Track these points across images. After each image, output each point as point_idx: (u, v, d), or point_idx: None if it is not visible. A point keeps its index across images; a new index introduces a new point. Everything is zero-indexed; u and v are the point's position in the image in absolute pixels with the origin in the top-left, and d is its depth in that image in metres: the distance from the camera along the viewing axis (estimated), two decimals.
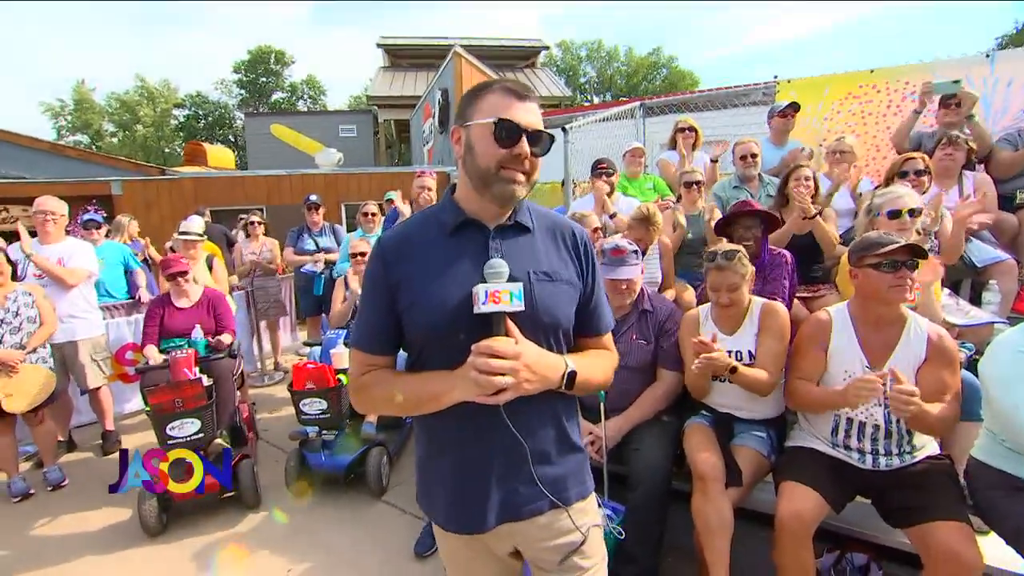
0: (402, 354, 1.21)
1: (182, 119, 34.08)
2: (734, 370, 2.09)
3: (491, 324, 1.02)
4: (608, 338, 1.29)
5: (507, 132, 1.06)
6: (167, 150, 32.33)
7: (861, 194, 3.50)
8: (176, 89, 34.04)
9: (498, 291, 1.02)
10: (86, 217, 4.69)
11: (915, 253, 1.86)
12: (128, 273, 4.78)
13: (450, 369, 1.06)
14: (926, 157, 3.17)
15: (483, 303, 1.01)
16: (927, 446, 1.98)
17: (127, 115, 31.90)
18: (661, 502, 2.21)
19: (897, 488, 1.90)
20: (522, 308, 1.02)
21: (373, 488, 3.14)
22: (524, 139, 1.06)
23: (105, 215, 5.30)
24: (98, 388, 3.88)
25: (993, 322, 2.69)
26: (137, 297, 4.72)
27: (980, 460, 1.78)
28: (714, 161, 4.28)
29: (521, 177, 1.08)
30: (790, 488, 1.93)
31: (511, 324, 1.04)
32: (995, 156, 3.50)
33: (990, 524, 1.73)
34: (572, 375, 1.10)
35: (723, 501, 2.00)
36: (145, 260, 5.48)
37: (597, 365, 1.21)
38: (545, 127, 1.11)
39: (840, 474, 1.98)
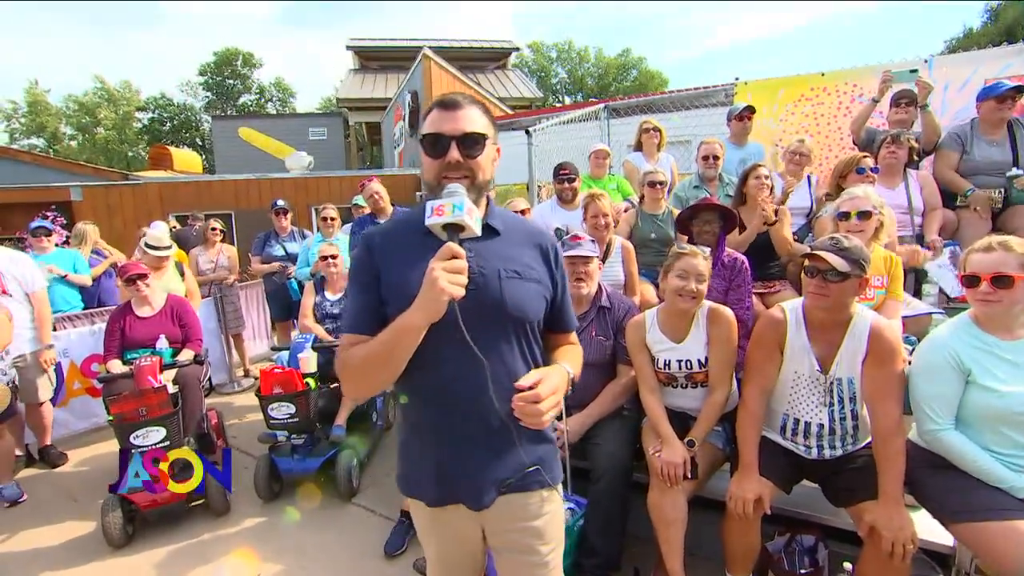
0: None
1: (145, 122, 33.12)
2: (692, 443, 2.14)
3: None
4: (575, 335, 1.44)
5: (433, 145, 1.16)
6: (130, 154, 31.36)
7: (828, 194, 3.57)
8: (138, 91, 33.05)
9: (442, 205, 1.06)
10: (35, 224, 4.54)
11: (836, 267, 1.81)
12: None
13: (418, 358, 1.13)
14: (873, 157, 3.34)
15: (429, 217, 1.07)
16: (870, 436, 2.08)
17: (86, 118, 30.82)
18: (622, 495, 2.27)
19: (841, 472, 2.01)
20: (462, 219, 1.05)
21: (343, 490, 3.15)
22: (453, 146, 1.15)
23: (65, 222, 5.17)
24: (43, 403, 3.76)
25: (932, 312, 2.86)
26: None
27: (911, 440, 1.90)
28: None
29: (464, 183, 1.15)
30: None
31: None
32: (938, 158, 3.67)
33: (919, 500, 1.86)
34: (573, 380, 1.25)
35: (678, 495, 2.08)
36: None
37: (571, 356, 1.35)
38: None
39: (789, 461, 2.09)
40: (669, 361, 2.29)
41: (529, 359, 1.25)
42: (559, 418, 2.33)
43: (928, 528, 1.88)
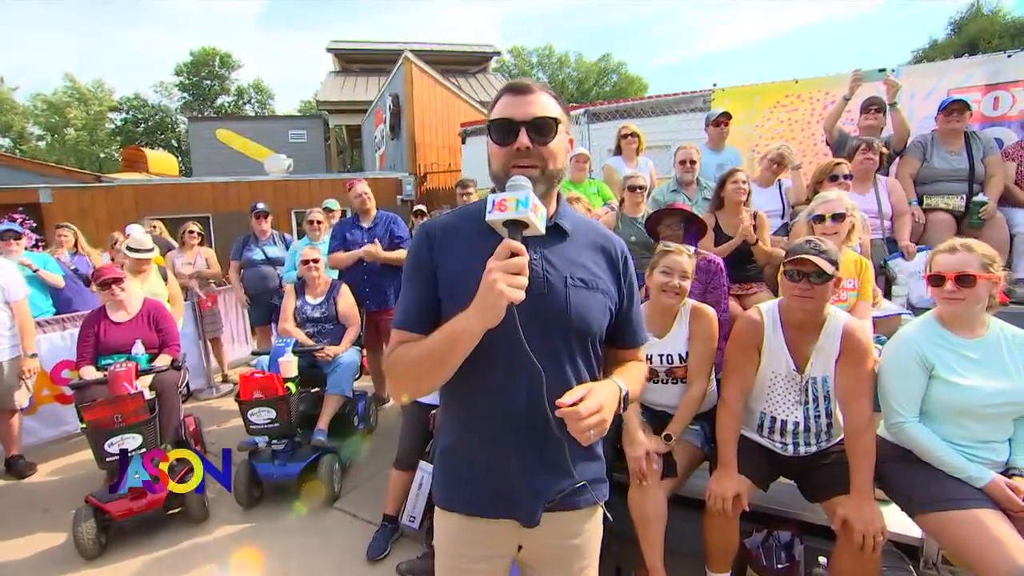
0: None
1: (119, 123, 32.31)
2: (669, 437, 2.20)
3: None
4: (642, 351, 1.32)
5: (500, 130, 1.08)
6: (102, 155, 30.56)
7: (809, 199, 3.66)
8: (111, 91, 32.25)
9: (504, 199, 0.96)
10: (2, 228, 4.41)
11: (818, 268, 1.88)
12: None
13: (472, 361, 1.03)
14: (848, 164, 3.45)
15: (490, 212, 0.98)
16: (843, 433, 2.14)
17: (55, 117, 29.92)
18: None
19: (815, 468, 2.08)
20: (526, 215, 0.95)
21: (325, 495, 3.13)
22: (523, 131, 1.06)
23: (34, 225, 5.02)
24: (15, 411, 3.68)
25: (901, 313, 2.96)
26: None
27: (879, 436, 1.96)
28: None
29: (534, 171, 1.07)
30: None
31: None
32: (902, 164, 3.83)
33: (888, 493, 1.93)
34: (626, 397, 1.13)
35: (658, 493, 2.12)
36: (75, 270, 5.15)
37: (630, 372, 1.23)
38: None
39: (766, 458, 2.15)
40: (651, 356, 2.36)
41: (585, 374, 1.16)
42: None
43: (898, 521, 1.95)
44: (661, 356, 2.35)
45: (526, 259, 0.94)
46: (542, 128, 1.07)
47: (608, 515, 1.28)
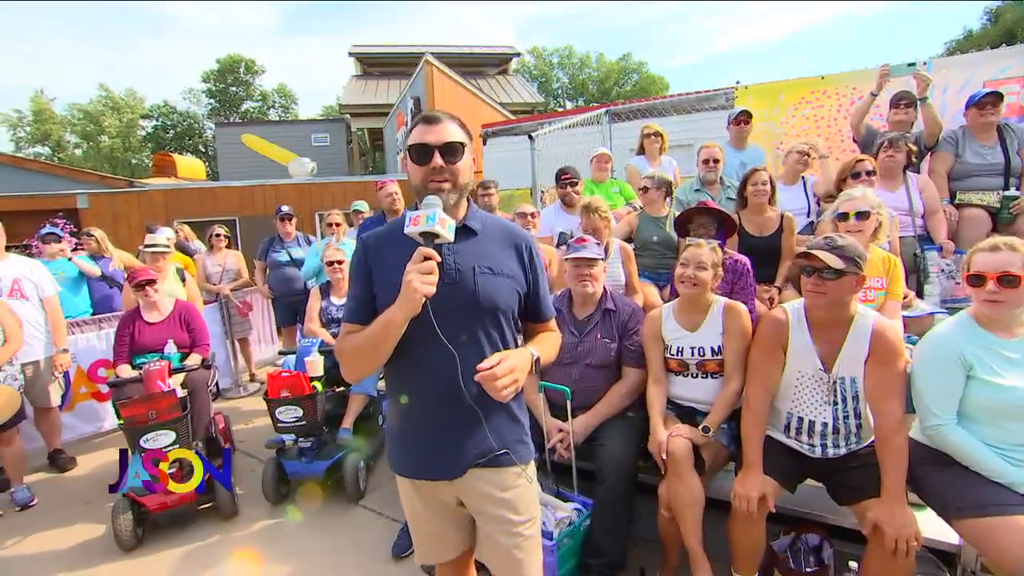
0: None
1: (149, 130, 33.36)
2: (707, 429, 2.22)
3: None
4: (552, 322, 1.59)
5: (418, 153, 1.33)
6: (134, 161, 31.60)
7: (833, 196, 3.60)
8: (142, 99, 33.34)
9: (418, 216, 1.21)
10: (44, 231, 4.59)
11: (831, 265, 1.84)
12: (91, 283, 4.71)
13: (403, 345, 1.29)
14: (873, 160, 3.37)
15: (407, 226, 1.22)
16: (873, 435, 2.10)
17: (91, 126, 31.09)
18: (627, 495, 2.29)
19: (844, 470, 2.03)
20: (434, 228, 1.19)
21: (350, 493, 3.18)
22: (436, 154, 1.31)
23: (73, 230, 5.21)
24: (52, 407, 3.82)
25: (933, 312, 2.88)
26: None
27: (913, 438, 1.91)
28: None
29: (446, 185, 1.33)
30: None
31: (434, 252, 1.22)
32: (934, 159, 3.72)
33: (922, 498, 1.88)
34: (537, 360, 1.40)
35: (693, 479, 2.11)
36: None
37: (543, 341, 1.52)
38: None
39: (793, 459, 2.11)
40: (682, 348, 2.37)
41: (500, 346, 1.39)
42: (564, 419, 2.39)
43: (934, 527, 1.89)
44: (693, 349, 2.35)
45: (435, 262, 1.20)
46: (452, 150, 1.32)
47: (530, 471, 1.45)
